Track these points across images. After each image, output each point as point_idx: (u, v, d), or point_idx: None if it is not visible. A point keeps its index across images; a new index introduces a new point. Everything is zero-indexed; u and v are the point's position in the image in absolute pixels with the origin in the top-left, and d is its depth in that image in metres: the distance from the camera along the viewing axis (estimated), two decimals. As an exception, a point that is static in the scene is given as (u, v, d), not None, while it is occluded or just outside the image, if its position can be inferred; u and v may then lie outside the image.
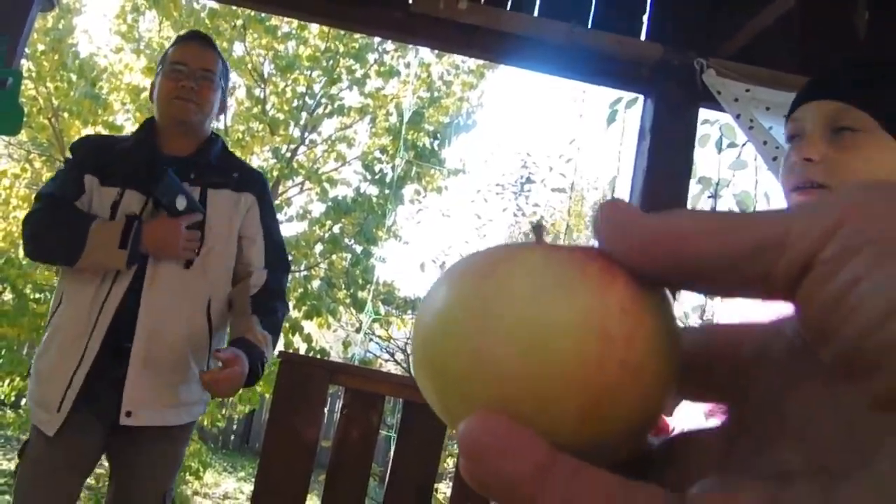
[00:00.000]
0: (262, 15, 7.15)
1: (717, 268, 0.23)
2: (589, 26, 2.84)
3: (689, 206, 3.04)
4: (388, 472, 2.71)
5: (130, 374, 2.10)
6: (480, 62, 7.93)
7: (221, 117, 2.77)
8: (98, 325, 2.12)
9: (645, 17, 2.92)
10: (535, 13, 2.87)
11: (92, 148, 2.30)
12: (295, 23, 7.64)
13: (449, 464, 6.82)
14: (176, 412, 2.22)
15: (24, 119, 2.76)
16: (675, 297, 0.27)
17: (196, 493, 8.18)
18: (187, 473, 7.46)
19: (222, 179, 2.29)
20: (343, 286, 7.66)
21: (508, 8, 2.87)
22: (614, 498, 0.22)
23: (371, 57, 8.00)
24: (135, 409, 2.10)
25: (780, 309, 0.24)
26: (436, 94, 8.44)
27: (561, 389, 0.24)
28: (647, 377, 0.25)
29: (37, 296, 6.15)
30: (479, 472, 0.23)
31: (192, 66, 2.26)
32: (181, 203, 2.16)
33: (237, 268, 2.32)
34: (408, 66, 8.15)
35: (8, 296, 6.29)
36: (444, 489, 6.17)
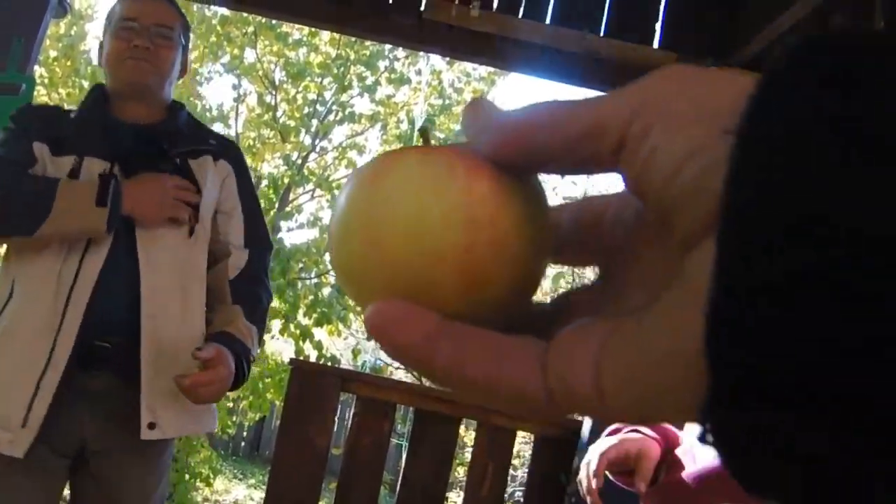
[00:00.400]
0: (274, 22, 7.18)
1: (559, 153, 0.27)
2: (602, 34, 2.83)
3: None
4: (399, 480, 2.70)
5: (145, 376, 1.66)
6: (492, 69, 7.93)
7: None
8: (67, 318, 1.64)
9: (658, 25, 2.91)
10: (548, 21, 2.86)
11: (37, 116, 1.87)
12: (306, 30, 7.67)
13: (459, 472, 6.80)
14: (200, 417, 1.81)
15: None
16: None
17: (206, 500, 8.19)
18: (197, 480, 7.46)
19: (199, 147, 1.90)
20: (353, 293, 7.65)
21: (521, 15, 2.86)
22: (493, 348, 0.27)
23: (382, 64, 8.02)
24: (158, 420, 1.68)
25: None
26: (447, 101, 8.44)
27: (441, 272, 0.28)
28: (513, 252, 0.29)
29: None
30: (386, 346, 0.28)
31: (144, 23, 1.84)
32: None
33: (212, 247, 1.88)
34: (419, 73, 8.16)
35: None
36: (454, 498, 6.16)
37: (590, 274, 0.36)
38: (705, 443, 0.22)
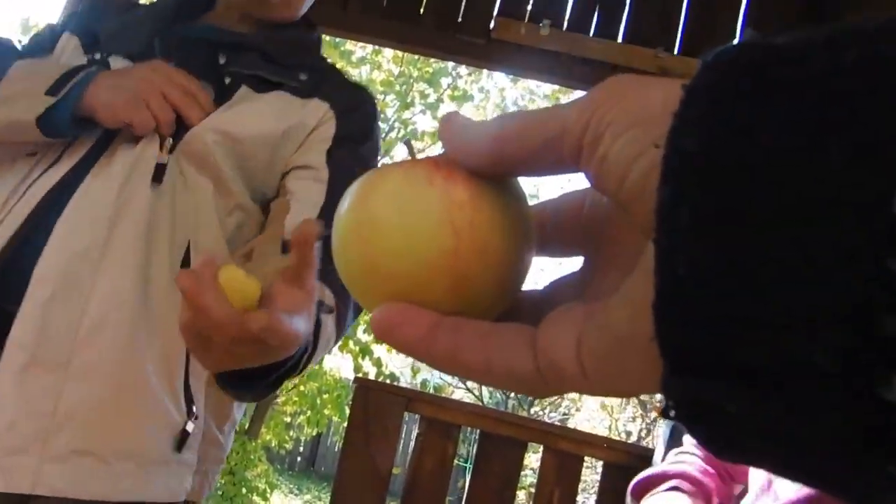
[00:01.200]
0: (337, 40, 7.26)
1: (527, 161, 0.30)
2: (676, 52, 2.79)
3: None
4: (464, 502, 2.66)
5: (4, 380, 0.97)
6: (557, 87, 7.91)
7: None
8: None
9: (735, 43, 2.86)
10: (620, 39, 2.83)
11: (92, 7, 1.33)
12: (369, 47, 7.73)
13: (520, 496, 6.73)
14: (117, 475, 0.99)
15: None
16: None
17: (262, 513, 8.24)
18: (254, 494, 7.52)
19: (276, 77, 1.25)
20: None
21: (592, 34, 2.83)
22: (486, 336, 0.31)
23: (445, 81, 8.05)
24: (11, 465, 0.95)
25: None
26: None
27: (432, 278, 0.31)
28: (495, 251, 0.32)
29: None
30: (391, 343, 0.32)
31: None
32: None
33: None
34: (482, 90, 8.17)
35: None
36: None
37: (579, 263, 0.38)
38: (668, 417, 0.25)
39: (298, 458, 12.18)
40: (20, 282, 1.01)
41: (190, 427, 1.06)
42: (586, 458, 2.69)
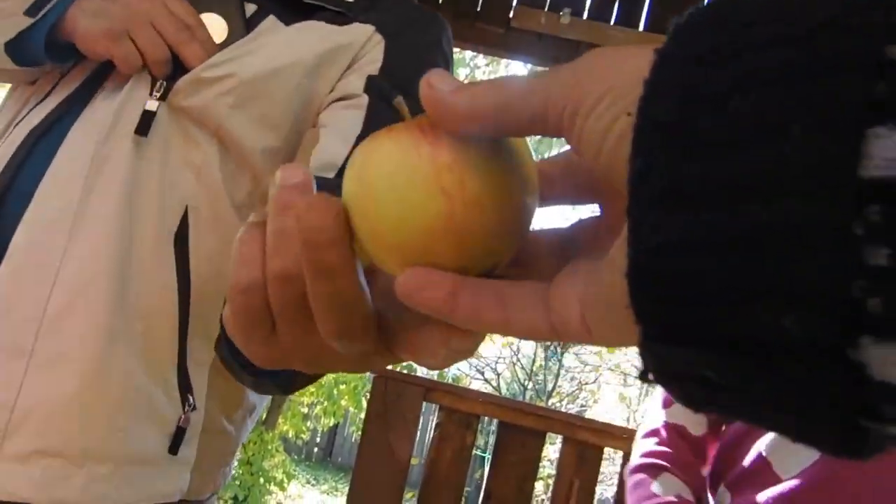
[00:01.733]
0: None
1: (510, 132, 0.32)
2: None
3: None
4: (482, 494, 2.66)
5: None
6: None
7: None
8: None
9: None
10: (641, 28, 2.80)
11: None
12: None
13: (537, 487, 6.73)
14: (89, 479, 0.85)
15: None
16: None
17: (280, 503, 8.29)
18: (271, 484, 7.55)
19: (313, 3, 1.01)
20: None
21: (613, 22, 2.81)
22: (504, 295, 0.32)
23: (463, 72, 8.02)
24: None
25: None
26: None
27: (435, 242, 0.32)
28: (490, 206, 0.32)
29: None
30: (416, 306, 0.33)
31: None
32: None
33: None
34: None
35: None
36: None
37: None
38: (645, 380, 0.26)
39: (315, 449, 12.22)
40: (8, 231, 0.86)
41: (186, 421, 0.91)
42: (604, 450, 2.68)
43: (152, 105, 0.90)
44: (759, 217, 0.21)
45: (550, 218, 0.41)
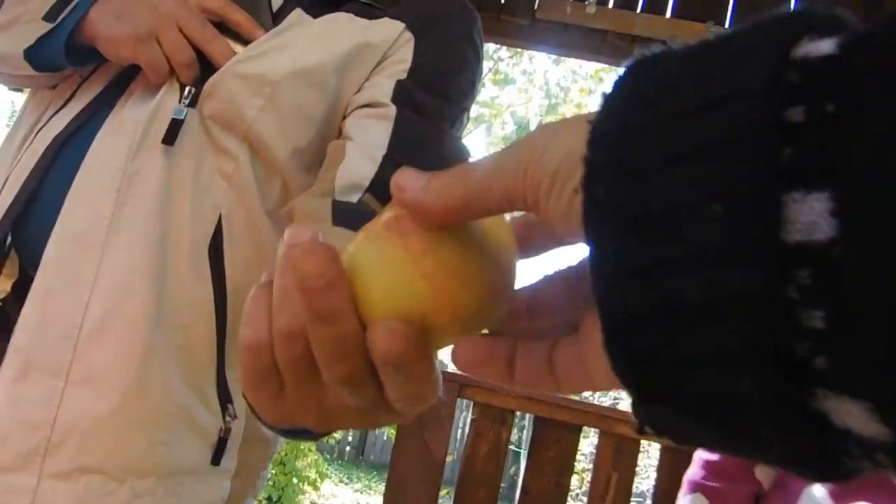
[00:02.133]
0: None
1: (484, 216, 0.33)
2: (727, 25, 2.72)
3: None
4: (519, 489, 2.65)
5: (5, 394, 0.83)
6: (600, 66, 7.81)
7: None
8: None
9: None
10: (668, 14, 2.76)
11: None
12: (410, 34, 7.70)
13: (572, 481, 6.71)
14: (132, 494, 0.83)
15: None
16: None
17: (313, 503, 8.32)
18: (305, 483, 7.58)
19: None
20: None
21: (639, 10, 2.77)
22: (489, 347, 0.36)
23: (486, 65, 7.99)
24: (5, 484, 0.81)
25: None
26: (553, 100, 8.36)
27: (435, 321, 0.34)
28: (472, 277, 0.34)
29: None
30: (472, 374, 0.37)
31: None
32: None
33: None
34: (524, 73, 8.10)
35: None
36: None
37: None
38: (642, 433, 0.28)
39: (347, 448, 12.27)
40: (38, 242, 0.85)
41: (227, 431, 0.90)
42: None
43: (180, 113, 0.88)
44: (692, 288, 0.23)
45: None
